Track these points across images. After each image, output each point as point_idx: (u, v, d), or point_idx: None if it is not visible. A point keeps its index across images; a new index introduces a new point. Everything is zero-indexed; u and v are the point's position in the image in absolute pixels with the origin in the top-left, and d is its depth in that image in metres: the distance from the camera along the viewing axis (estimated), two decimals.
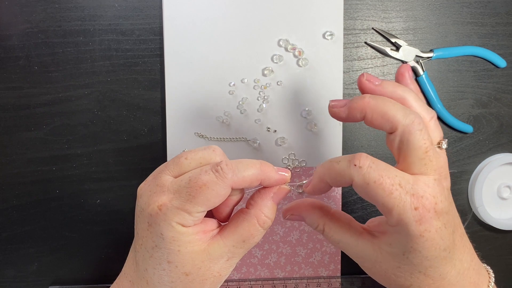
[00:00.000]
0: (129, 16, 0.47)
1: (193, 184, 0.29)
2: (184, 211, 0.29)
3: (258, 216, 0.32)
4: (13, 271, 0.49)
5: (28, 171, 0.48)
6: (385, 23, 0.49)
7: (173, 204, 0.29)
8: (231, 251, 0.32)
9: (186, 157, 0.32)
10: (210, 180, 0.29)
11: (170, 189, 0.30)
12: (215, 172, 0.29)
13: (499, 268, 0.52)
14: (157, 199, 0.30)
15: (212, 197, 0.29)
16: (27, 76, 0.47)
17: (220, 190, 0.29)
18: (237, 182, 0.30)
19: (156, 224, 0.30)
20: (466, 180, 0.51)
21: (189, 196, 0.29)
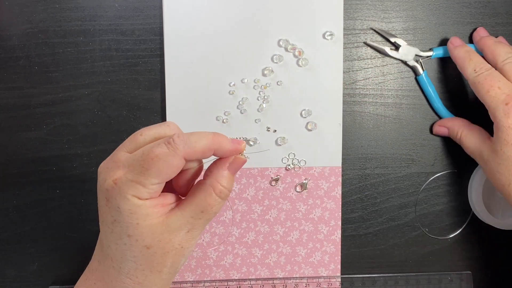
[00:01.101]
0: (129, 16, 0.47)
1: (145, 156, 0.30)
2: (138, 183, 0.30)
3: (214, 185, 0.32)
4: (13, 271, 0.49)
5: (28, 171, 0.48)
6: (385, 23, 0.49)
7: (127, 177, 0.30)
8: (190, 222, 0.32)
9: (141, 133, 0.32)
10: (162, 151, 0.29)
11: (125, 163, 0.30)
12: (167, 144, 0.30)
13: (499, 268, 0.52)
14: (113, 174, 0.30)
15: (165, 168, 0.30)
16: (27, 76, 0.47)
17: (173, 161, 0.30)
18: (189, 153, 0.30)
19: (113, 198, 0.30)
20: (466, 180, 0.51)
21: (142, 168, 0.29)
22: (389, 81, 0.49)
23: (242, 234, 0.49)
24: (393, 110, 0.50)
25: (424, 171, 0.50)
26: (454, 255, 0.52)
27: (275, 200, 0.49)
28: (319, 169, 0.49)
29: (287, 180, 0.49)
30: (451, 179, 0.51)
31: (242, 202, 0.49)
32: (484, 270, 0.52)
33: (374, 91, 0.49)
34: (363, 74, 0.49)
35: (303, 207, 0.49)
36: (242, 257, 0.49)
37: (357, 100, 0.49)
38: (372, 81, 0.49)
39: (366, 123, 0.49)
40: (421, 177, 0.50)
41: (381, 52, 0.48)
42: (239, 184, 0.48)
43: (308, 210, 0.49)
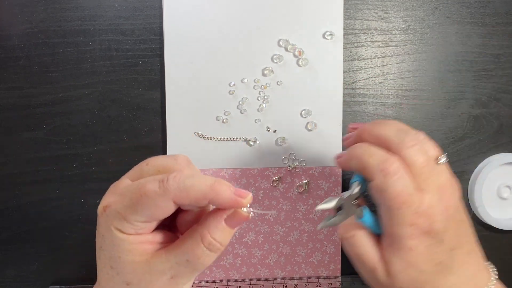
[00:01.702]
0: (129, 16, 0.47)
1: (136, 191, 0.28)
2: (123, 218, 0.28)
3: (204, 236, 0.28)
4: (13, 271, 0.49)
5: (28, 171, 0.48)
6: (385, 23, 0.49)
7: (115, 207, 0.28)
8: (174, 268, 0.29)
9: (148, 163, 0.31)
10: (152, 189, 0.27)
11: (120, 191, 0.29)
12: (160, 182, 0.27)
13: (499, 268, 0.52)
14: (106, 199, 0.29)
15: (151, 208, 0.27)
16: (27, 76, 0.47)
17: (160, 202, 0.27)
18: (181, 197, 0.27)
19: (99, 225, 0.29)
20: (466, 180, 0.51)
21: (130, 203, 0.28)
22: (389, 81, 0.49)
23: (242, 234, 0.49)
24: (393, 110, 0.50)
25: None
26: None
27: (275, 200, 0.49)
28: (319, 169, 0.49)
29: (287, 180, 0.49)
30: None
31: None
32: None
33: (374, 91, 0.49)
34: (363, 74, 0.49)
35: (303, 207, 0.49)
36: (242, 257, 0.49)
37: (357, 100, 0.49)
38: (372, 81, 0.49)
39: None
40: None
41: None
42: (239, 184, 0.48)
43: (308, 210, 0.49)
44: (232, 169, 0.48)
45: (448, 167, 0.34)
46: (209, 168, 0.48)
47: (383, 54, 0.49)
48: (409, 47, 0.49)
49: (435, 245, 0.32)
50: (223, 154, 0.48)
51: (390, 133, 0.33)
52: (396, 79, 0.49)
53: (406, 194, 0.31)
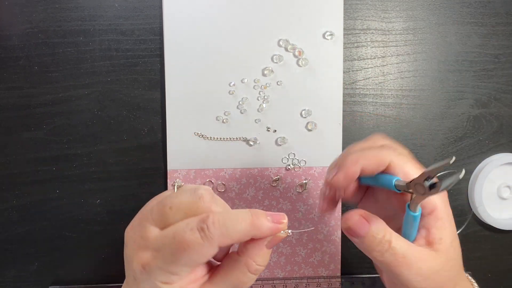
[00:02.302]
0: (129, 16, 0.47)
1: (177, 244, 0.27)
2: (168, 272, 0.28)
3: (249, 264, 0.29)
4: (13, 271, 0.49)
5: (28, 171, 0.48)
6: (385, 23, 0.49)
7: (157, 264, 0.28)
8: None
9: (171, 206, 0.29)
10: (195, 241, 0.27)
11: (154, 245, 0.28)
12: (200, 231, 0.27)
13: (499, 268, 0.52)
14: (141, 256, 0.28)
15: (197, 258, 0.27)
16: (27, 76, 0.47)
17: (206, 251, 0.27)
18: (225, 242, 0.27)
19: (141, 281, 0.28)
20: (466, 180, 0.51)
21: (173, 257, 0.27)
22: (389, 81, 0.49)
23: None
24: (393, 110, 0.50)
25: None
26: None
27: (275, 200, 0.49)
28: (319, 169, 0.49)
29: (287, 180, 0.49)
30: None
31: (242, 202, 0.48)
32: (484, 270, 0.52)
33: (374, 91, 0.49)
34: (363, 74, 0.49)
35: (303, 207, 0.49)
36: None
37: (357, 100, 0.49)
38: (372, 81, 0.49)
39: (366, 123, 0.49)
40: None
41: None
42: (239, 184, 0.48)
43: (308, 210, 0.49)
44: (232, 169, 0.48)
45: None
46: (209, 168, 0.48)
47: (383, 54, 0.49)
48: (409, 47, 0.49)
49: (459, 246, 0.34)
50: (223, 154, 0.48)
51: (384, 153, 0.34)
52: (396, 79, 0.49)
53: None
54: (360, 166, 0.32)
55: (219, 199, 0.30)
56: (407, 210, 0.32)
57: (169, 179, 0.48)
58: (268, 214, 0.29)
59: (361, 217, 0.32)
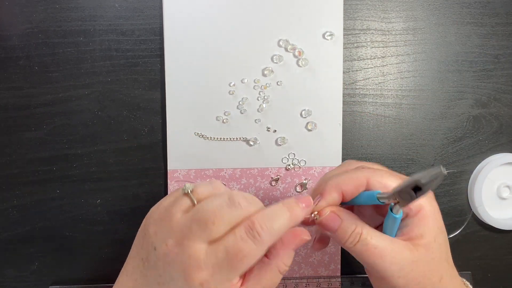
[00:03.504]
0: (129, 16, 0.47)
1: (232, 256, 0.29)
2: (228, 281, 0.29)
3: (280, 266, 0.32)
4: (13, 271, 0.49)
5: (28, 171, 0.48)
6: (385, 23, 0.49)
7: (215, 279, 0.29)
8: None
9: (214, 221, 0.29)
10: (251, 249, 0.29)
11: (208, 263, 0.29)
12: (251, 238, 0.29)
13: (499, 268, 0.52)
14: (197, 276, 0.29)
15: (252, 262, 0.30)
16: (27, 76, 0.47)
17: (259, 254, 0.30)
18: (272, 241, 0.30)
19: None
20: (466, 180, 0.51)
21: (231, 268, 0.29)
22: (389, 81, 0.49)
23: None
24: (393, 110, 0.50)
25: None
26: (454, 255, 0.51)
27: (275, 200, 0.49)
28: (319, 169, 0.49)
29: (287, 180, 0.49)
30: (451, 179, 0.51)
31: None
32: (484, 270, 0.52)
33: (374, 91, 0.49)
34: (363, 74, 0.49)
35: None
36: None
37: (357, 100, 0.49)
38: (372, 81, 0.49)
39: (366, 123, 0.49)
40: None
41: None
42: (239, 184, 0.48)
43: None
44: (232, 169, 0.48)
45: None
46: (209, 168, 0.48)
47: (383, 54, 0.49)
48: (409, 47, 0.49)
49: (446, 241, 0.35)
50: (223, 154, 0.48)
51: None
52: (396, 79, 0.49)
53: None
54: (340, 191, 0.34)
55: (248, 196, 0.31)
56: (389, 212, 0.33)
57: (169, 179, 0.48)
58: (298, 200, 0.32)
59: (333, 213, 0.34)
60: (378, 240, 0.33)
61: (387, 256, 0.32)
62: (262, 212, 0.31)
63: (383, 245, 0.32)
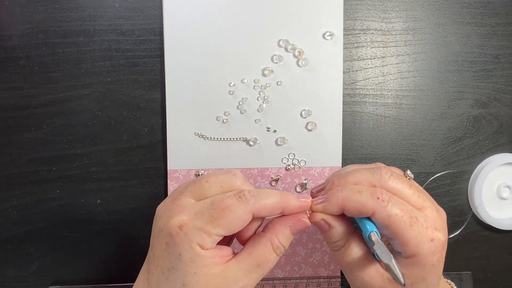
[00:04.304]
0: (129, 16, 0.47)
1: (216, 206, 0.30)
2: (205, 232, 0.29)
3: (273, 240, 0.32)
4: (13, 271, 0.49)
5: (28, 171, 0.48)
6: (385, 23, 0.49)
7: (194, 224, 0.29)
8: (246, 276, 0.31)
9: (207, 180, 0.32)
10: (233, 203, 0.30)
11: (191, 210, 0.30)
12: (237, 197, 0.30)
13: (499, 268, 0.52)
14: (178, 219, 0.30)
15: (234, 220, 0.30)
16: (27, 76, 0.47)
17: (242, 214, 0.30)
18: (258, 209, 0.31)
19: (175, 244, 0.30)
20: (466, 180, 0.51)
21: (211, 218, 0.29)
22: (389, 81, 0.49)
23: None
24: (393, 110, 0.50)
25: (424, 171, 0.50)
26: (454, 255, 0.52)
27: None
28: (319, 169, 0.49)
29: (287, 180, 0.49)
30: (451, 179, 0.51)
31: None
32: (484, 270, 0.52)
33: (374, 91, 0.49)
34: (363, 74, 0.49)
35: None
36: None
37: (357, 100, 0.49)
38: (372, 81, 0.49)
39: (366, 123, 0.49)
40: (421, 177, 0.50)
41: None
42: None
43: None
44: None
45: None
46: (209, 168, 0.48)
47: (383, 54, 0.49)
48: (409, 47, 0.49)
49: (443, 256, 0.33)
50: (223, 154, 0.48)
51: (366, 176, 0.33)
52: (396, 79, 0.49)
53: (412, 212, 0.32)
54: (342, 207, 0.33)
55: (247, 181, 0.33)
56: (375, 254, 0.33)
57: (169, 179, 0.48)
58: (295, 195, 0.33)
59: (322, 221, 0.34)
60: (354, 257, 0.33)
61: (356, 273, 0.33)
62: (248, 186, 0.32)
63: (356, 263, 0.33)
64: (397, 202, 0.32)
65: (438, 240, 0.32)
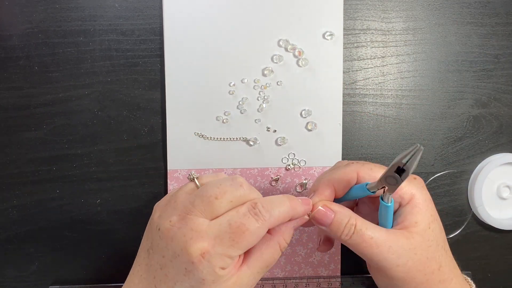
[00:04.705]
0: (129, 16, 0.47)
1: (235, 229, 0.30)
2: (227, 257, 0.30)
3: (280, 241, 0.33)
4: (13, 271, 0.49)
5: (28, 171, 0.48)
6: (385, 23, 0.49)
7: (216, 251, 0.29)
8: (255, 277, 0.32)
9: (216, 196, 0.31)
10: (253, 225, 0.30)
11: (210, 234, 0.30)
12: (254, 215, 0.30)
13: (499, 268, 0.52)
14: (199, 246, 0.29)
15: (253, 240, 0.30)
16: (27, 76, 0.47)
17: (261, 232, 0.31)
18: (273, 223, 0.31)
19: (198, 271, 0.29)
20: (466, 180, 0.51)
21: (233, 242, 0.30)
22: (389, 81, 0.49)
23: None
24: (393, 110, 0.50)
25: (424, 171, 0.50)
26: (454, 255, 0.52)
27: None
28: (319, 169, 0.49)
29: (287, 180, 0.49)
30: (451, 179, 0.51)
31: None
32: (484, 270, 0.52)
33: (374, 91, 0.49)
34: (363, 74, 0.49)
35: None
36: None
37: (357, 100, 0.49)
38: (372, 81, 0.49)
39: (366, 123, 0.49)
40: (421, 176, 0.50)
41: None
42: None
43: None
44: (232, 169, 0.48)
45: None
46: (209, 168, 0.48)
47: (383, 54, 0.49)
48: (409, 47, 0.49)
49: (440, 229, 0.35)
50: (223, 154, 0.48)
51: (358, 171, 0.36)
52: (396, 79, 0.49)
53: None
54: (332, 187, 0.35)
55: (252, 187, 0.33)
56: (381, 201, 0.33)
57: (169, 179, 0.48)
58: (298, 198, 0.33)
59: (325, 207, 0.34)
60: (373, 231, 0.33)
61: (383, 245, 0.33)
62: (263, 197, 0.32)
63: (379, 235, 0.33)
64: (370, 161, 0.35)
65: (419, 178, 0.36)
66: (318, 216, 0.34)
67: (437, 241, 0.34)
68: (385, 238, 0.33)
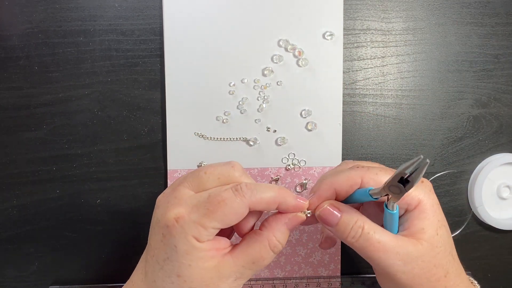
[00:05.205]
0: (129, 16, 0.47)
1: (212, 199, 0.30)
2: (201, 226, 0.29)
3: (270, 239, 0.32)
4: (13, 271, 0.49)
5: (28, 171, 0.48)
6: (385, 23, 0.49)
7: (190, 217, 0.30)
8: (240, 271, 0.31)
9: (206, 171, 0.31)
10: (229, 197, 0.30)
11: (188, 202, 0.30)
12: (234, 190, 0.30)
13: (499, 268, 0.52)
14: (175, 211, 0.30)
15: (229, 214, 0.30)
16: (27, 76, 0.47)
17: (238, 208, 0.30)
18: (255, 203, 0.30)
19: (171, 236, 0.30)
20: (466, 180, 0.51)
21: (207, 211, 0.29)
22: (389, 81, 0.49)
23: None
24: (393, 110, 0.50)
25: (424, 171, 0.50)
26: None
27: None
28: (319, 169, 0.49)
29: (287, 180, 0.49)
30: (451, 179, 0.51)
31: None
32: (484, 270, 0.52)
33: (374, 91, 0.49)
34: (363, 74, 0.49)
35: None
36: None
37: (357, 100, 0.49)
38: (372, 81, 0.49)
39: (366, 123, 0.49)
40: None
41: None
42: None
43: None
44: None
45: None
46: None
47: (383, 54, 0.49)
48: (409, 47, 0.49)
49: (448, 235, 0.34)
50: (223, 154, 0.48)
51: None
52: (396, 79, 0.49)
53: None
54: (333, 190, 0.34)
55: (246, 173, 0.33)
56: (385, 208, 0.33)
57: (169, 179, 0.48)
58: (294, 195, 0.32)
59: (332, 206, 0.33)
60: (381, 235, 0.32)
61: (391, 251, 0.32)
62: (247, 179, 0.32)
63: (387, 240, 0.32)
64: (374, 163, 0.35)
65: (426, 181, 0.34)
66: (324, 215, 0.33)
67: (444, 247, 0.34)
68: (393, 244, 0.32)
